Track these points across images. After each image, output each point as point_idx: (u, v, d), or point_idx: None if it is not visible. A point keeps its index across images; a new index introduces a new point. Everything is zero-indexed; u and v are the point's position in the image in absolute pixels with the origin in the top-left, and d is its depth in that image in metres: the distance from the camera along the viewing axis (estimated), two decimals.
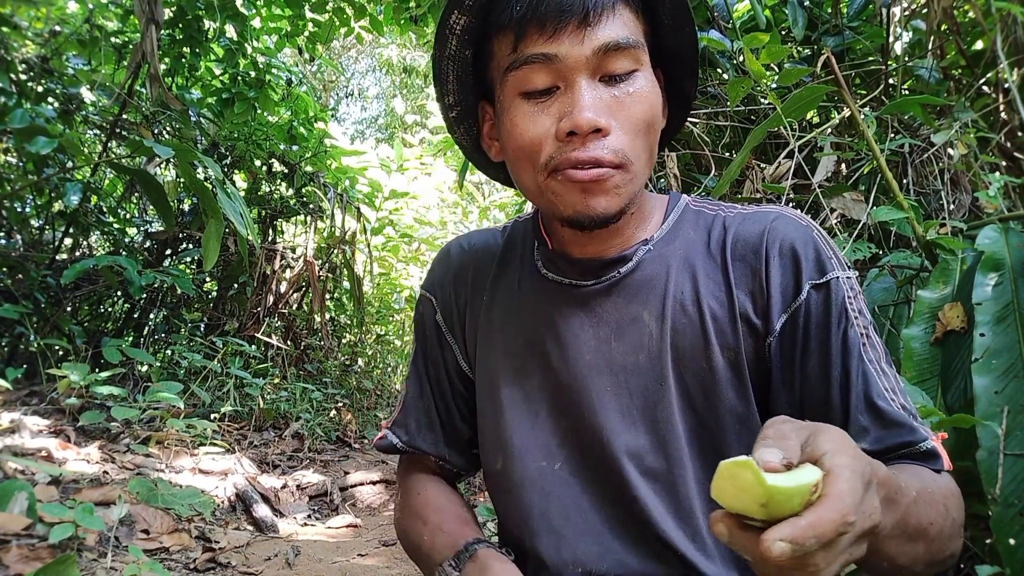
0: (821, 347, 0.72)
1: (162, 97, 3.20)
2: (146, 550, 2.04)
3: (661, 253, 0.80)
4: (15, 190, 3.56)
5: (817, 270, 0.73)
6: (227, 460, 2.99)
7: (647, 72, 0.73)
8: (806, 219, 0.78)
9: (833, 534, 0.43)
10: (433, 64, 0.79)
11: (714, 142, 2.19)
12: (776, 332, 0.74)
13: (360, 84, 12.45)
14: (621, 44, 0.69)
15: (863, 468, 0.46)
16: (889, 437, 0.68)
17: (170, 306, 4.33)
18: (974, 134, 1.69)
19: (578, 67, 0.69)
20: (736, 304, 0.75)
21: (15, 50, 3.28)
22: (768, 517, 0.44)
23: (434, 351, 0.92)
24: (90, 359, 3.41)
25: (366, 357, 5.50)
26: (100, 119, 3.75)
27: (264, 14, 4.38)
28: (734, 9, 2.34)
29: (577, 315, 0.80)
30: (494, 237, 0.93)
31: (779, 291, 0.74)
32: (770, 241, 0.75)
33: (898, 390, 0.72)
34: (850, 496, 0.44)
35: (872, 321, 0.75)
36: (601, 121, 0.68)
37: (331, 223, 5.08)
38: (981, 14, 1.75)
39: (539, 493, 0.79)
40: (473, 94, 0.82)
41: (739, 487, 0.44)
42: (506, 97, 0.74)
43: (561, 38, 0.68)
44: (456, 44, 0.77)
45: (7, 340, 3.48)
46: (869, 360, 0.71)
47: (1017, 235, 1.28)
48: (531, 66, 0.70)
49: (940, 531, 0.61)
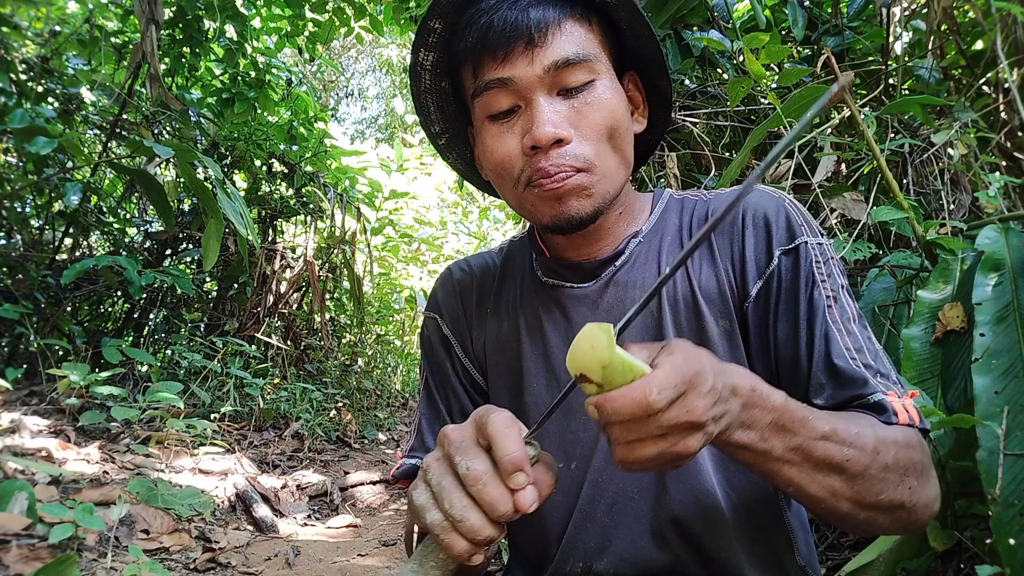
0: (789, 310, 0.76)
1: (162, 97, 3.20)
2: (146, 550, 2.04)
3: (651, 243, 0.84)
4: (15, 190, 3.56)
5: (787, 236, 0.77)
6: (227, 460, 2.99)
7: (605, 80, 0.76)
8: (779, 192, 0.82)
9: (632, 411, 0.49)
10: (413, 98, 0.84)
11: (714, 142, 2.19)
12: (751, 298, 0.78)
13: (360, 84, 12.46)
14: (571, 60, 0.73)
15: (690, 370, 0.51)
16: (841, 393, 0.72)
17: (170, 306, 4.33)
18: (974, 134, 1.69)
19: (532, 86, 0.73)
20: (723, 277, 0.79)
21: (15, 50, 3.28)
22: (603, 381, 0.50)
23: (444, 368, 0.94)
24: (90, 359, 3.41)
25: (366, 357, 5.51)
26: (100, 119, 3.75)
27: (264, 14, 4.38)
28: (734, 9, 2.34)
29: (583, 314, 0.84)
30: (491, 258, 0.97)
31: (753, 259, 0.78)
32: (744, 212, 0.80)
33: (864, 348, 0.74)
34: (657, 386, 0.49)
35: (845, 284, 0.78)
36: (561, 132, 0.72)
37: (331, 223, 5.08)
38: (981, 14, 1.75)
39: (564, 490, 0.81)
40: (459, 121, 0.88)
41: (591, 345, 0.49)
42: (477, 121, 0.79)
43: (512, 62, 0.73)
44: (430, 78, 0.83)
45: (7, 340, 3.47)
46: (832, 321, 0.74)
47: (1017, 235, 1.28)
48: (491, 91, 0.75)
49: (864, 470, 0.63)
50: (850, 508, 0.64)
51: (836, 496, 0.63)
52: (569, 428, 0.82)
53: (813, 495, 0.63)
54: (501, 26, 0.72)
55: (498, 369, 0.89)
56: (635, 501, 0.78)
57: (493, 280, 0.93)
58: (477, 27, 0.74)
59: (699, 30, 2.15)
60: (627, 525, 0.78)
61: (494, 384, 0.90)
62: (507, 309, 0.90)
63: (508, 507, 0.53)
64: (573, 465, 0.81)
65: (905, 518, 0.68)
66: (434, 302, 0.97)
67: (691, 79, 2.31)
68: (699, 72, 2.26)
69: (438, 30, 0.79)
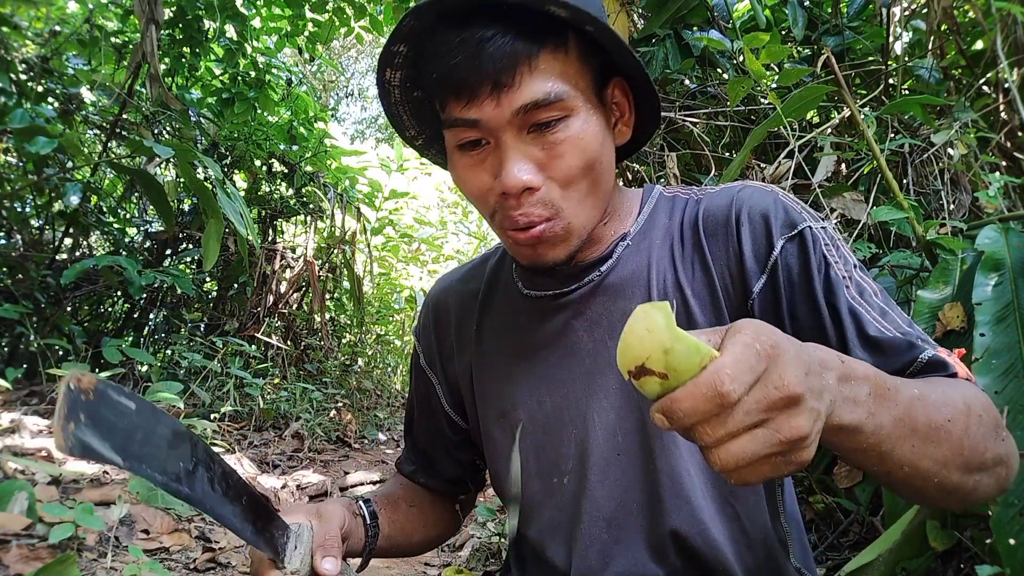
0: (806, 296, 0.72)
1: (162, 97, 3.20)
2: (146, 550, 2.03)
3: (639, 246, 0.81)
4: (15, 190, 3.56)
5: (787, 224, 0.74)
6: (227, 460, 2.99)
7: (580, 115, 0.71)
8: (770, 186, 0.80)
9: (707, 406, 0.42)
10: (384, 110, 0.81)
11: (714, 142, 2.19)
12: (755, 293, 0.74)
13: (360, 84, 12.45)
14: (540, 102, 0.68)
15: (766, 343, 0.45)
16: (889, 363, 0.67)
17: (170, 306, 4.33)
18: (974, 134, 1.69)
19: (500, 127, 0.69)
20: (716, 280, 0.76)
21: (15, 50, 3.28)
22: (666, 368, 0.43)
23: (420, 396, 0.99)
24: (90, 359, 3.41)
25: (366, 357, 5.50)
26: (100, 119, 3.75)
27: (264, 14, 4.38)
28: (734, 9, 2.34)
29: (568, 323, 0.81)
30: (479, 269, 0.95)
31: (752, 255, 0.75)
32: (738, 210, 0.76)
33: (893, 315, 0.71)
34: (729, 369, 0.42)
35: (857, 262, 0.75)
36: (532, 180, 0.69)
37: (331, 223, 5.08)
38: (981, 14, 1.75)
39: (558, 507, 0.81)
40: (436, 121, 0.81)
41: (647, 328, 0.43)
42: (449, 147, 0.76)
43: (479, 104, 0.68)
44: (400, 93, 0.79)
45: (7, 340, 3.47)
46: (853, 298, 0.71)
47: (1017, 235, 1.28)
48: (457, 128, 0.72)
49: (966, 429, 0.59)
50: (960, 476, 0.60)
51: (947, 466, 0.58)
52: (555, 441, 0.81)
53: (927, 471, 0.57)
54: (466, 66, 0.67)
55: (485, 391, 0.88)
56: (634, 516, 0.77)
57: (476, 301, 0.92)
58: (442, 66, 0.68)
59: (699, 30, 2.15)
60: (626, 542, 0.77)
61: (482, 407, 0.89)
62: (490, 328, 0.89)
63: None
64: (566, 480, 0.80)
65: (1005, 475, 0.64)
66: (416, 327, 1.01)
67: (691, 79, 2.31)
68: (699, 72, 2.26)
69: (403, 52, 0.74)
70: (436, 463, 1.00)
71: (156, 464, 0.54)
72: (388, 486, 1.00)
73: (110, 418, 0.51)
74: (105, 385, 0.51)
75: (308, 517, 0.72)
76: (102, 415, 0.50)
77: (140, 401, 0.54)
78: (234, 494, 0.61)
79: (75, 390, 0.49)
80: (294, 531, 0.69)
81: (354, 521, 0.82)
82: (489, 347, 0.89)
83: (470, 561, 2.33)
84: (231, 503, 0.61)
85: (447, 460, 0.99)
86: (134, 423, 0.53)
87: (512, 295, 0.88)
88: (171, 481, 0.55)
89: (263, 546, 0.64)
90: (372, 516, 0.86)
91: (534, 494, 0.83)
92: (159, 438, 0.55)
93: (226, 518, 0.59)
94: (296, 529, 0.69)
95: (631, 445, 0.77)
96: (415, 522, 0.96)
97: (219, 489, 0.60)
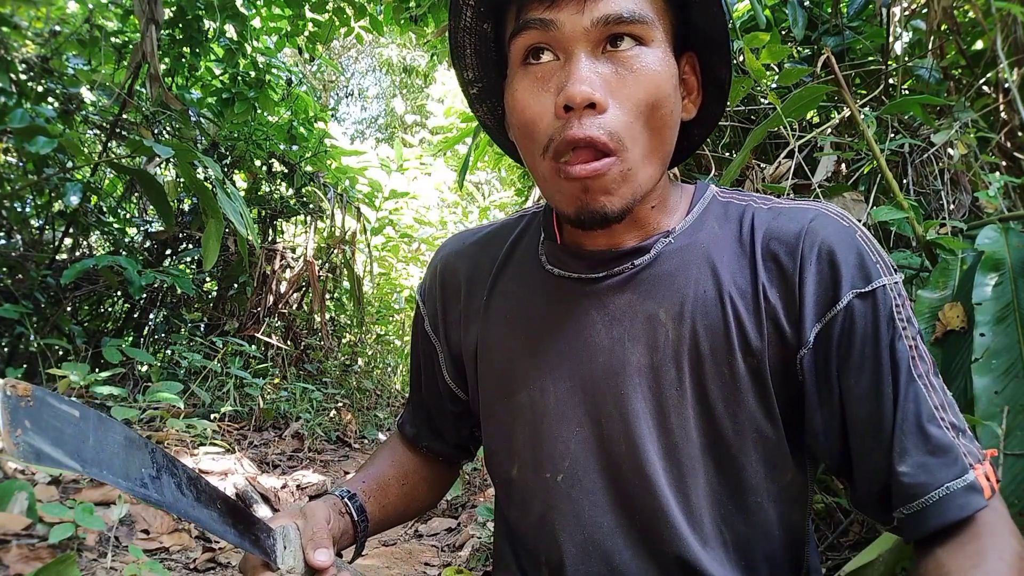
0: (869, 362, 0.66)
1: (162, 97, 3.20)
2: (146, 550, 2.04)
3: (682, 247, 0.74)
4: (15, 190, 3.56)
5: (861, 277, 0.67)
6: (227, 460, 2.99)
7: (658, 50, 0.67)
8: (848, 219, 0.72)
9: None
10: (449, 37, 0.75)
11: (714, 142, 2.19)
12: (810, 344, 0.68)
13: (360, 84, 12.46)
14: (624, 17, 0.64)
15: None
16: (929, 461, 0.63)
17: (170, 306, 4.33)
18: (974, 134, 1.69)
19: (576, 38, 0.65)
20: (763, 306, 0.69)
21: (15, 50, 3.28)
22: None
23: (424, 355, 0.94)
24: (90, 359, 3.41)
25: (366, 357, 5.51)
26: (100, 119, 3.75)
27: (264, 14, 4.38)
28: (734, 9, 2.34)
29: (588, 313, 0.75)
30: (500, 235, 0.89)
31: (813, 299, 0.68)
32: (807, 244, 0.69)
33: (947, 405, 0.66)
34: None
35: (919, 329, 0.69)
36: (596, 95, 0.64)
37: (331, 223, 5.08)
38: (981, 14, 1.75)
39: (548, 504, 0.76)
40: (496, 71, 0.78)
41: None
42: (512, 68, 0.71)
43: (561, 6, 0.65)
44: (471, 16, 0.73)
45: (7, 340, 3.47)
46: (919, 375, 0.66)
47: (1017, 235, 1.28)
48: (530, 31, 0.67)
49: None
50: None
51: None
52: (552, 435, 0.76)
53: None
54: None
55: (488, 367, 0.83)
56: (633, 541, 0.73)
57: (493, 265, 0.85)
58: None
59: None
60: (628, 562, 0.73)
61: (484, 383, 0.84)
62: (502, 300, 0.82)
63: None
64: (559, 478, 0.75)
65: None
66: (422, 286, 0.93)
67: None
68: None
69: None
70: (441, 425, 0.95)
71: (117, 469, 0.52)
72: (379, 463, 0.95)
73: (56, 424, 0.49)
74: (43, 392, 0.49)
75: (292, 519, 0.71)
76: (47, 421, 0.48)
77: (83, 408, 0.52)
78: (206, 498, 0.59)
79: (12, 396, 0.47)
80: (279, 532, 0.68)
81: (341, 519, 0.81)
82: (497, 319, 0.82)
83: (470, 561, 2.33)
84: (205, 507, 0.59)
85: (452, 424, 0.95)
86: (82, 429, 0.51)
87: (532, 269, 0.81)
88: (137, 486, 0.53)
89: (250, 548, 0.63)
90: (360, 511, 0.84)
91: (525, 482, 0.79)
92: (113, 444, 0.53)
93: (203, 521, 0.57)
94: (281, 531, 0.68)
95: (638, 462, 0.72)
96: (407, 499, 0.94)
97: (189, 494, 0.58)
